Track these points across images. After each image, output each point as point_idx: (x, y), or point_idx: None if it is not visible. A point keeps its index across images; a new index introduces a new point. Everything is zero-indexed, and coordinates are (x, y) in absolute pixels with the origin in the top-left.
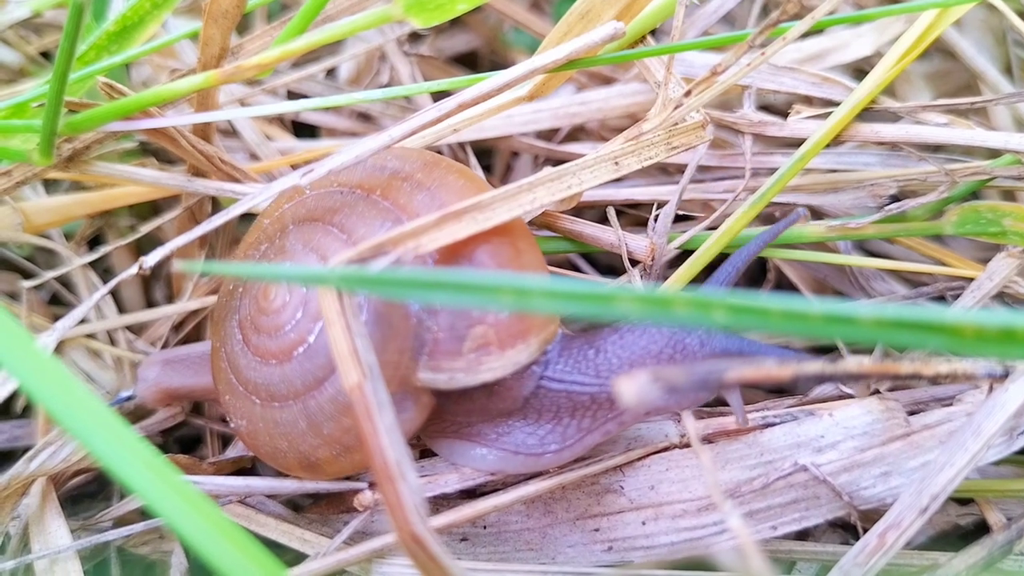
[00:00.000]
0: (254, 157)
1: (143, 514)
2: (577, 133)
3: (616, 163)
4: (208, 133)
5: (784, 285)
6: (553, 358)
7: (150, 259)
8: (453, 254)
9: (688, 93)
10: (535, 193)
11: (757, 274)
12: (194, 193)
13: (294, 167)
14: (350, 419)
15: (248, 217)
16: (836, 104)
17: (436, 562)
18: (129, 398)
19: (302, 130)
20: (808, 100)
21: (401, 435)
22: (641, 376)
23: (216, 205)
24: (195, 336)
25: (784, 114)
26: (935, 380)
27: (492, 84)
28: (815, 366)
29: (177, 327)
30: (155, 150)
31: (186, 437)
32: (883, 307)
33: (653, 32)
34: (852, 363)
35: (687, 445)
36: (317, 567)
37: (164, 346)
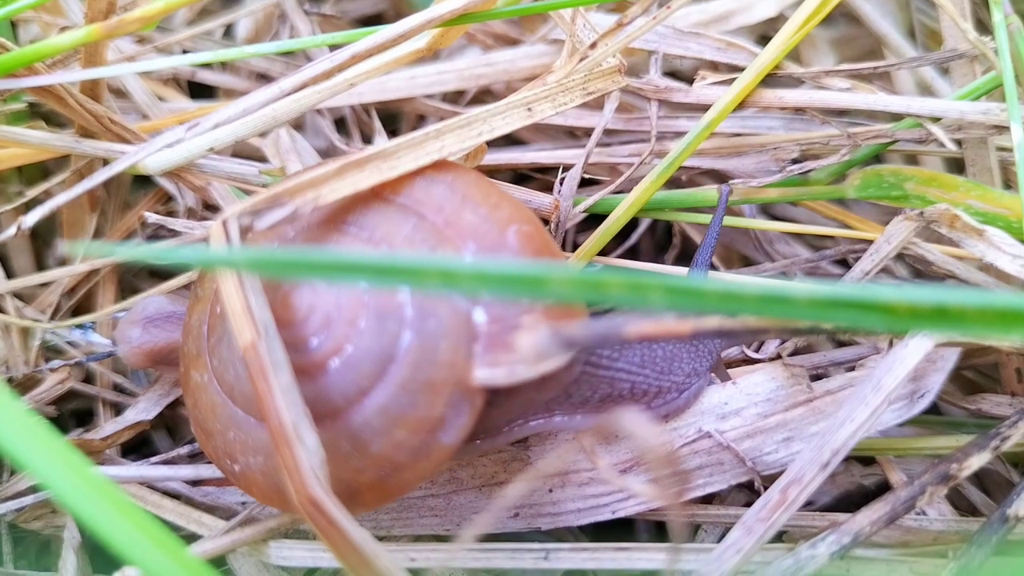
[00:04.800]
0: (146, 119)
1: (37, 490)
2: (483, 96)
3: (529, 109)
4: (97, 92)
5: (691, 250)
6: None
7: (30, 218)
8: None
9: (594, 45)
10: (443, 141)
11: (664, 240)
12: (83, 155)
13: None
14: (404, 431)
15: (142, 180)
16: (741, 69)
17: (336, 527)
18: (110, 354)
19: (200, 93)
20: (713, 66)
21: (299, 394)
22: (541, 330)
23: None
24: (87, 304)
25: (690, 80)
26: (834, 335)
27: (387, 35)
28: (714, 321)
29: (70, 292)
30: (45, 113)
31: (81, 410)
32: (818, 286)
33: None
34: (751, 317)
35: None
36: (211, 547)
37: (55, 313)
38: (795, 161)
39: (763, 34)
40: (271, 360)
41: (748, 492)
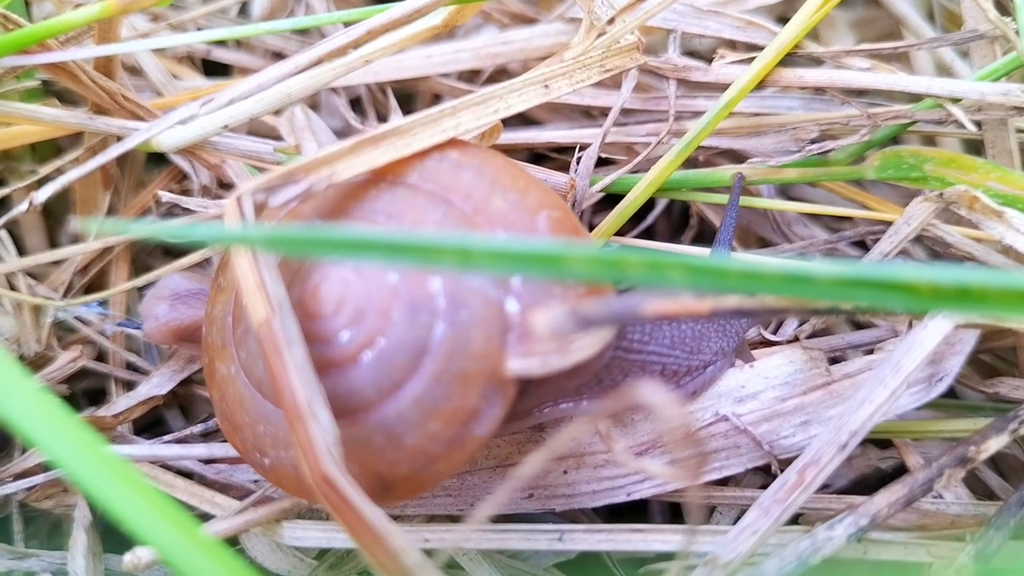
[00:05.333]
0: (161, 96)
1: (47, 469)
2: (499, 75)
3: (546, 86)
4: (111, 70)
5: (707, 230)
6: (628, 327)
7: (41, 194)
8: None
9: (612, 20)
10: (459, 118)
11: (680, 221)
12: (96, 132)
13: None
14: (438, 423)
15: (156, 158)
16: (760, 48)
17: (349, 504)
18: (138, 326)
19: (215, 71)
20: (732, 45)
21: (313, 372)
22: (557, 308)
23: None
24: (100, 283)
25: (708, 59)
26: (853, 316)
27: (401, 11)
28: (733, 300)
29: (82, 271)
30: (58, 91)
31: (93, 389)
32: (841, 266)
33: None
34: (770, 297)
35: None
36: (224, 528)
37: (68, 291)
38: (814, 141)
39: (782, 14)
40: (285, 337)
41: (764, 475)
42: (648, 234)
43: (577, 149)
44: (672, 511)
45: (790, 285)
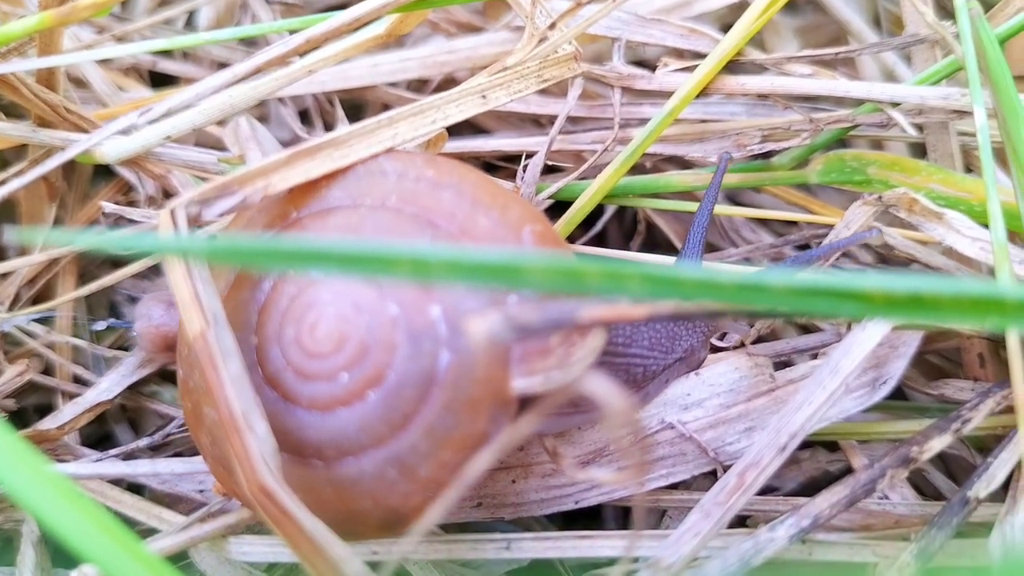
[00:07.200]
0: (106, 108)
1: None
2: (448, 84)
3: (483, 96)
4: (53, 82)
5: (656, 236)
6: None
7: None
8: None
9: (552, 26)
10: (396, 128)
11: (631, 227)
12: (40, 144)
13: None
14: (450, 451)
15: (104, 170)
16: (704, 56)
17: (288, 516)
18: (128, 325)
19: (163, 83)
20: (677, 52)
21: (249, 383)
22: (493, 315)
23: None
24: (47, 294)
25: (655, 65)
26: (792, 319)
27: (343, 19)
28: (670, 304)
29: (29, 283)
30: (4, 104)
31: (43, 405)
32: (795, 275)
33: None
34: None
35: None
36: (169, 544)
37: (14, 303)
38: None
39: (729, 21)
40: (220, 349)
41: (714, 480)
42: (600, 239)
43: (524, 157)
44: (625, 515)
45: (746, 294)
